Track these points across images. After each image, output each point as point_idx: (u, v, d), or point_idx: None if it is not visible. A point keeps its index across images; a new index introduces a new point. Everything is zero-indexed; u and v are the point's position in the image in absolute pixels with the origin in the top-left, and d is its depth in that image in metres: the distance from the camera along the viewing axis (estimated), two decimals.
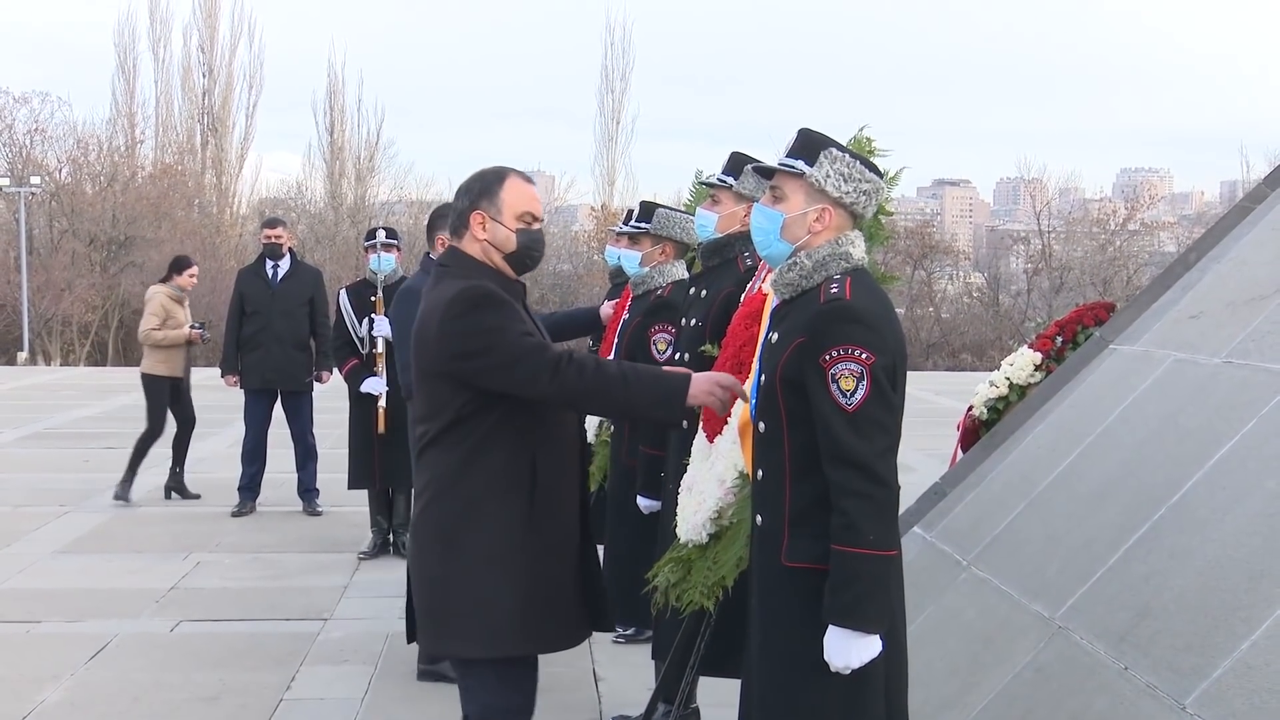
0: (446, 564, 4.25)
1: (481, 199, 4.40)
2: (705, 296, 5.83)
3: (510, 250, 4.41)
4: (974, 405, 7.90)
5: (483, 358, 4.16)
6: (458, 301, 4.21)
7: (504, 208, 4.39)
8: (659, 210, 6.86)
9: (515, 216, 4.41)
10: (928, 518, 6.74)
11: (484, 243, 4.39)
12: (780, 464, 3.83)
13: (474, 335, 4.17)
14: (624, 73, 57.98)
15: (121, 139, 52.95)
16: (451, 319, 4.20)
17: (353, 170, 55.36)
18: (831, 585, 3.63)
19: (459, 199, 4.46)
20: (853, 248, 3.92)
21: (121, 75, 54.57)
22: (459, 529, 4.22)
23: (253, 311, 11.77)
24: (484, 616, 4.21)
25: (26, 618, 8.35)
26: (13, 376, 28.97)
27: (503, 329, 4.17)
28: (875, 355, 3.67)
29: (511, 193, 4.41)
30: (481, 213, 4.39)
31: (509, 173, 4.48)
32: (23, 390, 24.70)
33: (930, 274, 50.91)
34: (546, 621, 4.29)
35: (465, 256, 4.41)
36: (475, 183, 4.45)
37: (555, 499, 4.30)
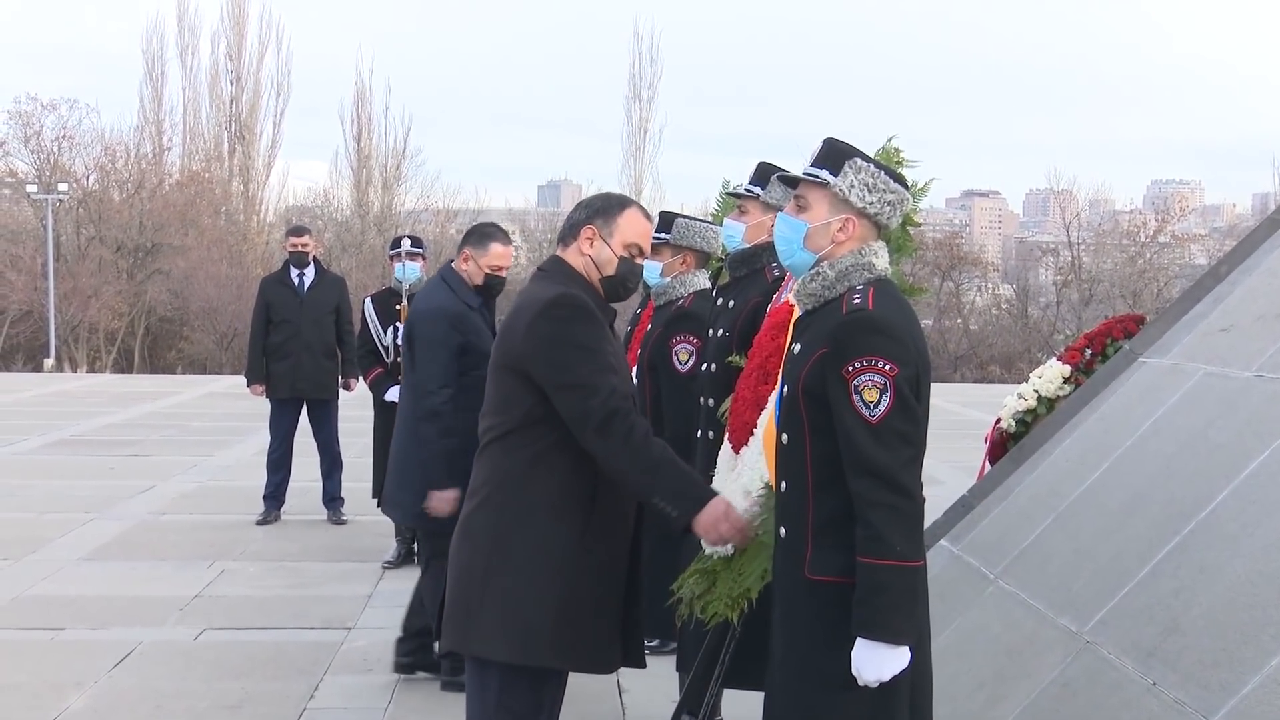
0: (491, 562, 4.26)
1: (598, 216, 4.49)
2: (732, 307, 5.82)
3: (609, 273, 4.48)
4: (1002, 418, 7.87)
5: (558, 370, 4.21)
6: (557, 305, 4.27)
7: (616, 232, 4.47)
8: (678, 220, 6.86)
9: (624, 244, 4.49)
10: (955, 530, 6.72)
11: (587, 258, 4.46)
12: (803, 475, 3.83)
13: (559, 344, 4.23)
14: (652, 82, 58.16)
15: (149, 146, 53.28)
16: (545, 319, 4.26)
17: (379, 178, 55.58)
18: (859, 598, 3.62)
19: (577, 210, 4.55)
20: (876, 258, 3.92)
21: (149, 82, 54.94)
22: (512, 531, 4.24)
23: (280, 320, 11.75)
24: (517, 621, 4.22)
25: (50, 625, 8.38)
26: (39, 383, 29.12)
27: (590, 351, 4.23)
28: (898, 366, 3.66)
29: (628, 220, 4.50)
30: (594, 228, 4.46)
31: (632, 203, 4.57)
32: (49, 397, 24.82)
33: (958, 285, 50.77)
34: (581, 640, 4.28)
35: (567, 266, 4.48)
36: (598, 200, 4.56)
37: (611, 521, 4.32)
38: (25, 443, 17.52)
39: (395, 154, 56.08)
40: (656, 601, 6.11)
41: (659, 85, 58.30)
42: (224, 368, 40.48)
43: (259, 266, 47.01)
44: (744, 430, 4.96)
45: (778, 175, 4.89)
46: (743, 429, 4.98)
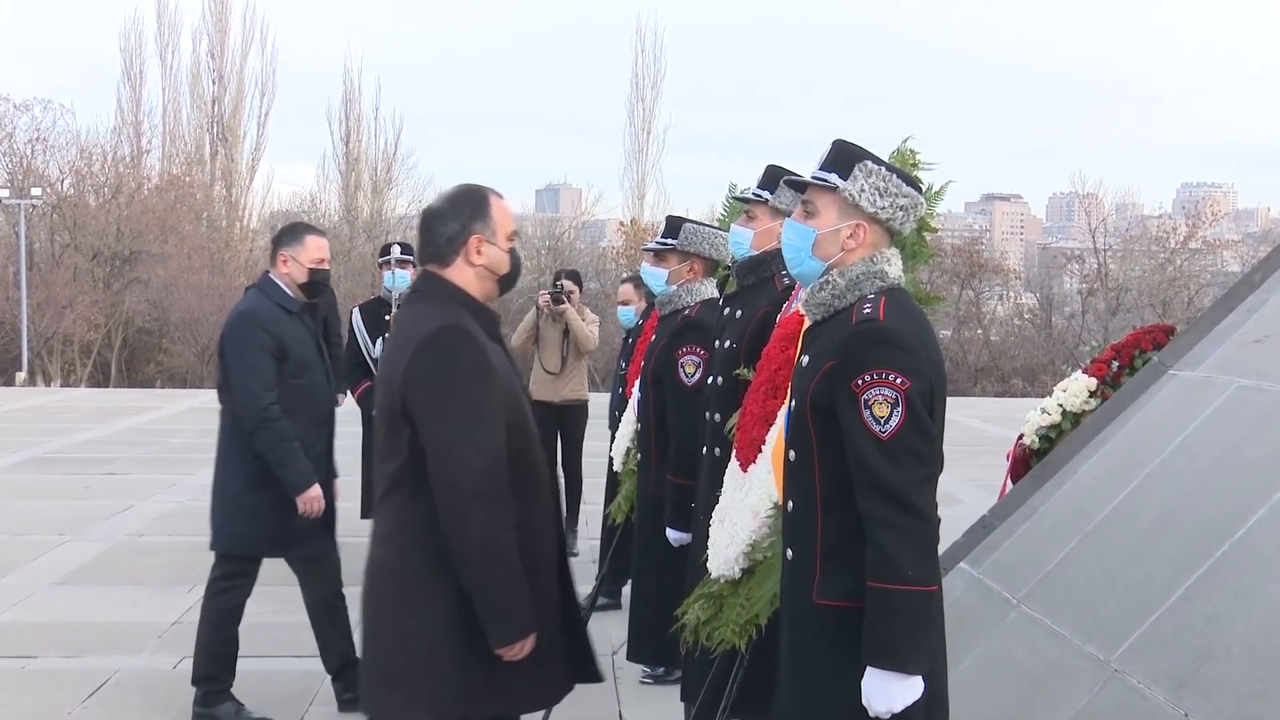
0: (403, 620, 4.21)
1: (476, 221, 4.40)
2: (740, 317, 5.82)
3: (504, 272, 4.45)
4: (1024, 433, 7.87)
5: (428, 422, 4.14)
6: (436, 343, 4.19)
7: (497, 229, 4.43)
8: (686, 225, 6.86)
9: (506, 237, 4.45)
10: (975, 553, 6.71)
11: (480, 268, 4.40)
12: (811, 495, 3.83)
13: (435, 392, 4.15)
14: (655, 81, 58.25)
15: (127, 149, 53.38)
16: (423, 359, 4.18)
17: (369, 182, 55.65)
18: (869, 623, 3.61)
19: (445, 223, 4.40)
20: (888, 266, 3.93)
21: (127, 82, 55.05)
22: (422, 583, 4.18)
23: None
24: (438, 677, 4.17)
25: (22, 653, 8.36)
26: (11, 398, 29.12)
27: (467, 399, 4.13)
28: (911, 380, 3.66)
29: (499, 212, 4.46)
30: (479, 236, 4.39)
31: (490, 192, 4.51)
32: (21, 412, 24.82)
33: (979, 294, 50.79)
34: (514, 681, 4.26)
35: (448, 284, 4.38)
36: (463, 204, 4.44)
37: (530, 554, 4.27)
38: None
39: (385, 156, 56.20)
40: (660, 628, 6.13)
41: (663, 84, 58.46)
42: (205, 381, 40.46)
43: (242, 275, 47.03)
44: (752, 447, 4.97)
45: (786, 179, 4.90)
46: (750, 445, 4.98)
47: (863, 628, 3.62)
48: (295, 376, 6.83)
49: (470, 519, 4.08)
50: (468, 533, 4.09)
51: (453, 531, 4.10)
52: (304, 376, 6.83)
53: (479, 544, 4.09)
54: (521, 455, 4.28)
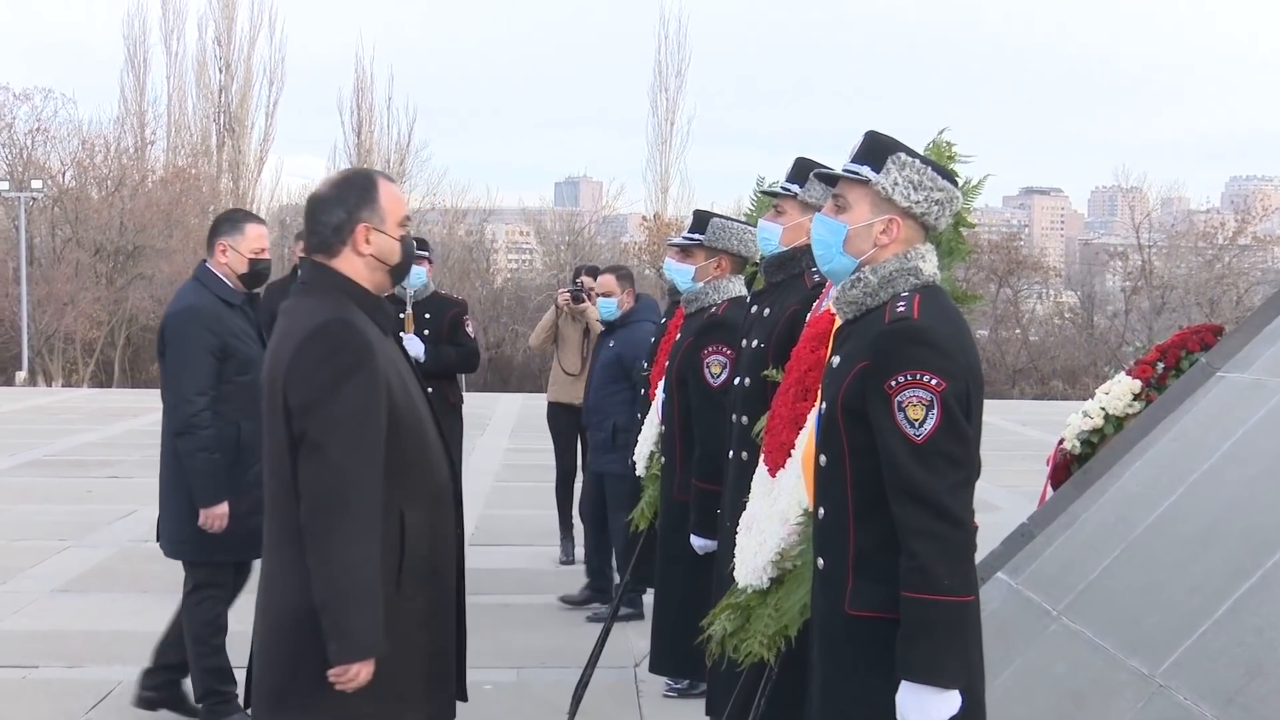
0: (300, 631, 4.17)
1: (363, 209, 4.35)
2: (768, 316, 5.82)
3: (395, 261, 4.42)
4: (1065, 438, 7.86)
5: (306, 419, 4.14)
6: (319, 338, 4.19)
7: (387, 215, 4.39)
8: (714, 220, 6.86)
9: (396, 224, 4.42)
10: (1013, 562, 6.70)
11: (369, 257, 4.36)
12: (843, 501, 3.83)
13: (314, 393, 4.14)
14: (679, 69, 58.22)
15: (130, 140, 53.51)
16: (304, 356, 4.18)
17: None
18: (903, 636, 3.61)
19: (331, 210, 4.36)
20: (923, 262, 3.93)
21: (131, 70, 55.20)
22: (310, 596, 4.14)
23: None
24: (329, 694, 4.15)
25: (22, 663, 8.40)
26: (11, 398, 29.25)
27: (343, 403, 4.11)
28: (946, 381, 3.66)
29: (387, 198, 4.41)
30: (367, 224, 4.34)
31: (378, 176, 4.49)
32: (21, 413, 24.93)
33: (1017, 292, 50.72)
34: (415, 695, 4.29)
35: (336, 276, 4.35)
36: (348, 191, 4.40)
37: (427, 564, 4.31)
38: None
39: (399, 148, 56.27)
40: (684, 639, 6.13)
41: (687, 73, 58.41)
42: None
43: None
44: (780, 451, 4.96)
45: (816, 172, 4.89)
46: (779, 450, 4.98)
47: (897, 640, 3.62)
48: (240, 374, 6.82)
49: (328, 525, 4.07)
50: (322, 539, 4.07)
51: (309, 534, 4.09)
52: (249, 374, 6.80)
53: (331, 552, 4.06)
54: (414, 458, 4.29)
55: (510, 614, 9.85)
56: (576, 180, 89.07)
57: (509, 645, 8.96)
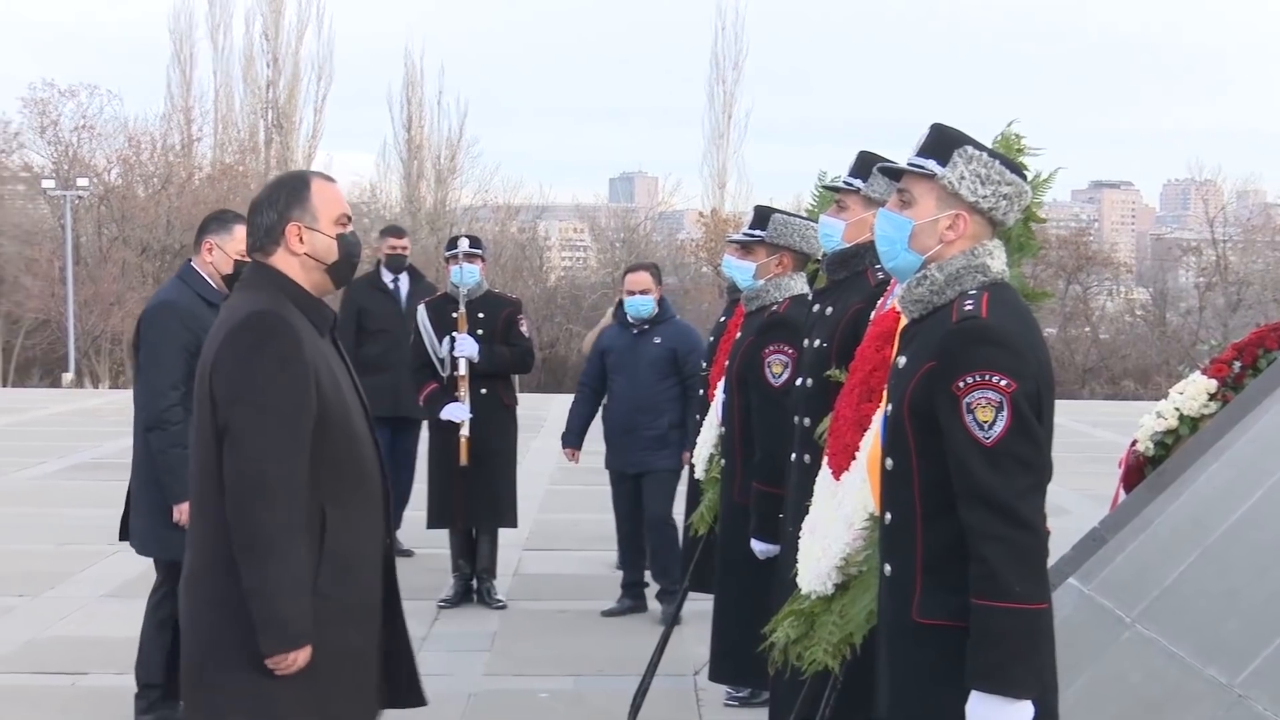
0: (220, 623, 4.29)
1: (293, 208, 4.46)
2: (831, 314, 5.82)
3: (332, 260, 4.49)
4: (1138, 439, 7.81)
5: (228, 409, 4.24)
6: (245, 328, 4.29)
7: (319, 214, 4.47)
8: (775, 216, 6.85)
9: (332, 221, 4.49)
10: (1085, 567, 6.66)
11: (303, 257, 4.44)
12: (910, 505, 3.82)
13: (237, 381, 4.25)
14: (736, 60, 58.00)
15: (177, 136, 53.78)
16: (229, 347, 4.29)
17: (432, 171, 55.74)
18: (973, 644, 3.60)
19: (263, 212, 4.48)
20: (991, 259, 3.91)
21: (177, 65, 55.48)
22: (235, 585, 4.23)
23: (377, 330, 11.62)
24: (257, 685, 4.24)
25: (71, 669, 8.48)
26: (58, 400, 29.48)
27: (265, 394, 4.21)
28: (1016, 382, 3.65)
29: (322, 196, 4.50)
30: (297, 223, 4.43)
31: (312, 175, 4.58)
32: (68, 415, 25.11)
33: (1086, 289, 50.45)
34: (334, 694, 4.34)
35: (274, 272, 4.45)
36: (278, 192, 4.51)
37: (349, 563, 4.36)
38: (42, 466, 17.75)
39: (449, 144, 56.25)
40: (744, 646, 6.12)
41: (744, 64, 58.21)
42: None
43: None
44: (845, 453, 4.95)
45: (879, 166, 4.89)
46: (843, 452, 4.97)
47: (967, 648, 3.61)
48: None
49: (253, 513, 4.17)
50: (247, 527, 4.18)
51: (234, 523, 4.20)
52: None
53: (257, 541, 4.17)
54: (344, 455, 4.38)
55: (566, 620, 9.88)
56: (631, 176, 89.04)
57: (565, 652, 8.99)
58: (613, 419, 10.04)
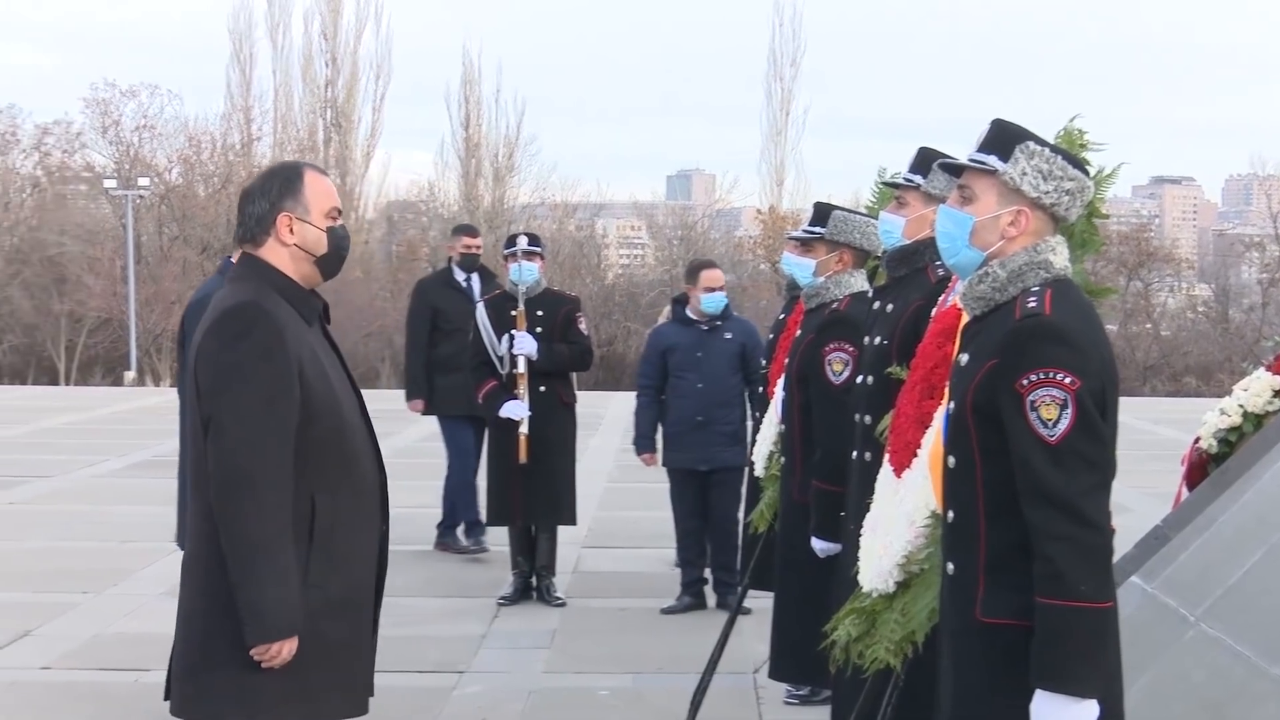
0: (210, 616, 4.29)
1: (285, 199, 4.46)
2: (891, 311, 5.80)
3: (322, 252, 4.49)
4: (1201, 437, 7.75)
5: (209, 400, 4.27)
6: (228, 318, 4.32)
7: (311, 206, 4.47)
8: (835, 213, 6.84)
9: (322, 214, 4.49)
10: (1148, 565, 6.62)
11: (293, 247, 4.45)
12: (973, 504, 3.81)
13: (218, 370, 4.27)
14: (794, 57, 57.89)
15: (237, 136, 54.10)
16: (211, 336, 4.33)
17: (490, 170, 55.86)
18: (1038, 643, 3.59)
19: (255, 202, 4.49)
20: (1053, 255, 3.90)
21: (236, 65, 55.70)
22: (224, 576, 4.25)
23: (453, 329, 11.57)
24: (246, 677, 4.25)
25: (134, 666, 8.54)
26: (119, 398, 29.69)
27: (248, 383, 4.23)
28: (1081, 379, 3.63)
29: (314, 189, 4.49)
30: (288, 214, 4.44)
31: (305, 167, 4.57)
32: (130, 414, 25.28)
33: (1148, 285, 50.18)
34: (324, 686, 4.35)
35: (262, 264, 4.46)
36: (271, 182, 4.51)
37: (340, 553, 4.37)
38: (105, 464, 17.89)
39: (507, 142, 56.35)
40: (804, 644, 6.12)
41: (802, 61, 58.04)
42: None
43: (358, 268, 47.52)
44: (906, 451, 4.94)
45: (940, 162, 4.87)
46: (905, 450, 4.96)
47: (1031, 647, 3.59)
48: None
49: (237, 505, 4.19)
50: (232, 519, 4.19)
51: (219, 514, 4.22)
52: None
53: (241, 531, 4.18)
54: (333, 445, 4.37)
55: (626, 618, 9.89)
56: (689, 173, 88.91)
57: (625, 650, 9.00)
58: (682, 416, 10.03)
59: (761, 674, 7.93)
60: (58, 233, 48.72)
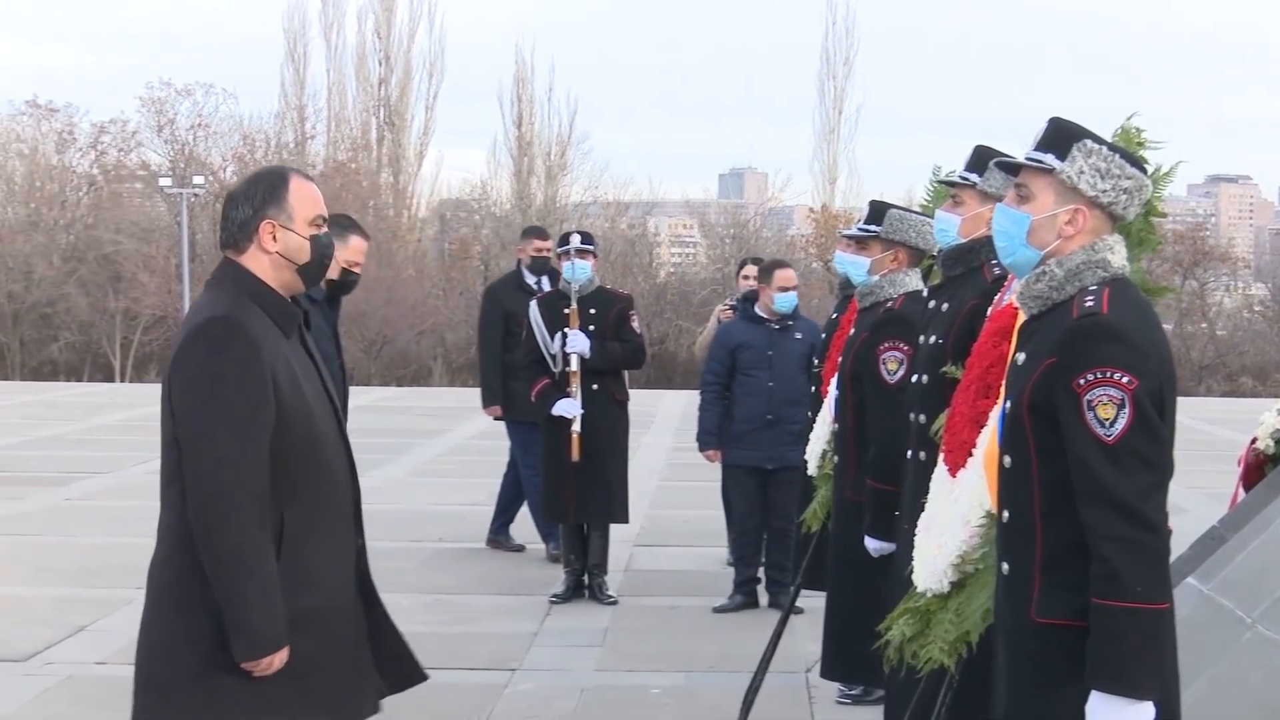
0: (175, 624, 4.26)
1: (269, 205, 4.40)
2: (946, 310, 5.78)
3: (304, 260, 4.44)
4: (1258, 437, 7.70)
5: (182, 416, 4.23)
6: (202, 334, 4.26)
7: (295, 213, 4.41)
8: (891, 211, 6.83)
9: (306, 222, 4.43)
10: (1204, 567, 6.58)
11: (275, 255, 4.40)
12: (1029, 503, 3.80)
13: (193, 385, 4.23)
14: (847, 55, 57.77)
15: (290, 135, 54.47)
16: (187, 349, 4.28)
17: (542, 168, 55.97)
18: (1093, 644, 3.58)
19: (238, 207, 4.43)
20: (1111, 254, 3.88)
21: (291, 64, 56.03)
22: (194, 592, 4.21)
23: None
24: (209, 688, 4.21)
25: None
26: None
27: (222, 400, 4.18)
28: (1138, 379, 3.62)
29: (298, 195, 4.44)
30: (271, 221, 4.38)
31: (291, 173, 4.52)
32: None
33: (1203, 285, 49.87)
34: (288, 699, 4.29)
35: (242, 271, 4.41)
36: (255, 187, 4.45)
37: (309, 564, 4.32)
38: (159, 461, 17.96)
39: (560, 140, 56.44)
40: (857, 644, 6.10)
41: (855, 59, 57.94)
42: (373, 378, 41.11)
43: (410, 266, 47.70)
44: (961, 451, 4.93)
45: (996, 161, 4.85)
46: (960, 449, 4.94)
47: (1087, 648, 3.58)
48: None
49: (216, 522, 4.13)
50: (214, 533, 4.14)
51: (199, 531, 4.16)
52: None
53: (224, 546, 4.13)
54: (305, 459, 4.32)
55: (678, 617, 9.90)
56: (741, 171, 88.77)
57: (676, 649, 9.01)
58: (752, 413, 10.05)
59: (814, 673, 7.92)
60: (113, 231, 49.10)
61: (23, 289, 46.97)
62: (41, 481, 15.47)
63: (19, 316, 46.93)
